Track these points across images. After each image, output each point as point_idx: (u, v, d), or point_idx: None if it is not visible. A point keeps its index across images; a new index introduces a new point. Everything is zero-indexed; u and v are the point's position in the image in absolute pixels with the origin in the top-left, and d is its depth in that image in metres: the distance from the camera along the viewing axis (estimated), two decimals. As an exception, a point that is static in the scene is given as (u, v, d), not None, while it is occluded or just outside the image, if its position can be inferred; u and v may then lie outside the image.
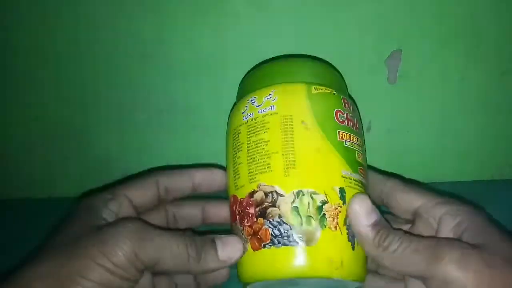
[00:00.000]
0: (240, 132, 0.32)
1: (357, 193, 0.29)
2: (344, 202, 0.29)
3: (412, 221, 0.31)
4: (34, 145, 0.46)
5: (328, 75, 0.35)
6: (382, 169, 0.38)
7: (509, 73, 0.43)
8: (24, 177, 0.48)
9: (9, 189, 0.49)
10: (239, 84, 0.37)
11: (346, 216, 0.29)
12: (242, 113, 0.32)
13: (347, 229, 0.29)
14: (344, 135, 0.31)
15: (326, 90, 0.32)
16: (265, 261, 0.28)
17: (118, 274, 0.25)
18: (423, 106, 0.45)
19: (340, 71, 0.37)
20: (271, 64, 0.35)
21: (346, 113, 0.32)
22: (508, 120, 0.46)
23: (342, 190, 0.29)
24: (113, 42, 0.41)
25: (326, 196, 0.28)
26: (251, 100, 0.32)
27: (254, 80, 0.35)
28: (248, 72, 0.37)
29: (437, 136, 0.47)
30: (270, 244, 0.28)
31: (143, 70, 0.43)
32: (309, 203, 0.28)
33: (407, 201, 0.31)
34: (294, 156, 0.29)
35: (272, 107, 0.31)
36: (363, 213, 0.28)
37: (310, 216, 0.28)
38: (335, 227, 0.28)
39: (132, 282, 0.26)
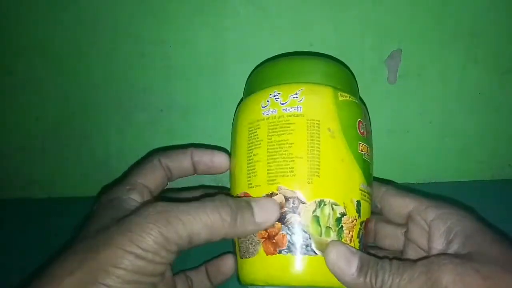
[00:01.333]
0: (259, 128, 0.30)
1: (331, 241, 0.28)
2: (359, 216, 0.29)
3: (405, 225, 0.32)
4: (34, 145, 0.46)
5: (350, 82, 0.34)
6: (382, 169, 0.38)
7: (509, 73, 0.43)
8: (24, 177, 0.48)
9: (9, 189, 0.48)
10: (253, 74, 0.35)
11: (360, 230, 0.29)
12: (263, 107, 0.30)
13: (359, 242, 0.29)
14: (363, 148, 0.30)
15: (350, 98, 0.31)
16: (280, 267, 0.28)
17: (149, 259, 0.25)
18: (423, 106, 0.45)
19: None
20: (296, 59, 0.34)
21: (365, 125, 0.31)
22: (508, 120, 0.46)
23: (358, 203, 0.29)
24: (113, 42, 0.41)
25: (345, 208, 0.28)
26: (274, 96, 0.30)
27: (276, 73, 0.32)
28: (264, 63, 0.36)
29: (437, 136, 0.46)
30: (286, 250, 0.28)
31: (143, 70, 0.42)
32: (329, 214, 0.28)
33: (400, 205, 0.31)
34: (319, 163, 0.28)
35: (299, 108, 0.29)
36: (342, 263, 0.27)
37: (329, 227, 0.28)
38: (350, 240, 0.28)
39: (164, 266, 0.26)
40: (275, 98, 0.30)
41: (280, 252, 0.28)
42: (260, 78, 0.33)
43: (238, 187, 0.31)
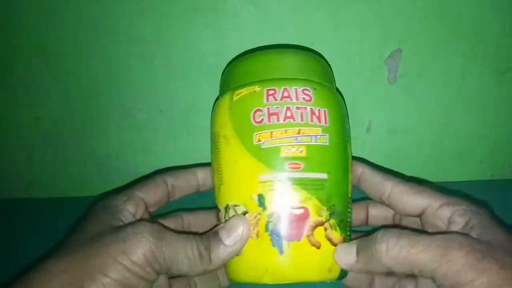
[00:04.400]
0: None
1: (339, 245, 0.29)
2: (264, 209, 0.28)
3: (420, 219, 0.31)
4: (34, 145, 0.46)
5: (254, 67, 0.32)
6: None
7: (509, 73, 0.43)
8: (24, 177, 0.48)
9: (9, 189, 0.48)
10: None
11: (268, 222, 0.28)
12: None
13: (269, 235, 0.28)
14: (262, 136, 0.29)
15: (246, 91, 0.30)
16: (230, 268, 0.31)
17: (135, 272, 0.25)
18: (423, 106, 0.45)
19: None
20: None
21: (268, 109, 0.29)
22: (508, 120, 0.46)
23: (260, 197, 0.28)
24: (113, 42, 0.41)
25: (245, 207, 0.29)
26: None
27: None
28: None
29: (437, 136, 0.46)
30: None
31: (143, 70, 0.43)
32: (232, 216, 0.29)
33: (412, 204, 0.30)
34: (221, 172, 0.30)
35: (213, 127, 0.32)
36: (345, 256, 0.28)
37: None
38: (256, 235, 0.28)
39: (148, 282, 0.27)
40: None
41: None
42: None
43: None
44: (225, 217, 0.30)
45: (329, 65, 0.35)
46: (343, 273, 0.30)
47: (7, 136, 0.47)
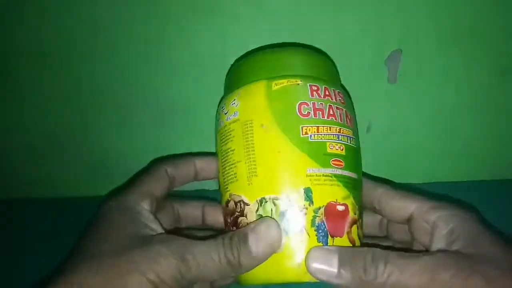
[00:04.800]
0: (216, 141, 0.33)
1: (310, 250, 0.27)
2: (311, 203, 0.28)
3: (408, 225, 0.31)
4: (34, 145, 0.46)
5: (293, 61, 0.33)
6: (382, 169, 0.38)
7: (509, 73, 0.43)
8: (24, 177, 0.48)
9: (9, 189, 0.48)
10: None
11: (314, 217, 0.28)
12: (217, 121, 0.33)
13: (315, 230, 0.28)
14: (309, 129, 0.29)
15: (288, 83, 0.30)
16: None
17: None
18: (423, 106, 0.45)
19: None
20: (234, 66, 0.35)
21: (313, 103, 0.30)
22: (508, 120, 0.46)
23: (307, 190, 0.28)
24: (113, 42, 0.41)
25: (289, 200, 0.28)
26: (222, 108, 0.32)
27: (225, 87, 0.35)
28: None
29: (437, 136, 0.46)
30: None
31: (143, 70, 0.43)
32: (272, 210, 0.28)
33: (400, 208, 0.31)
34: (256, 163, 0.29)
35: (236, 114, 0.30)
36: (322, 266, 0.26)
37: None
38: (301, 230, 0.28)
39: None
40: (222, 110, 0.32)
41: None
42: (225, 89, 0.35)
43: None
44: (257, 211, 0.28)
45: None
46: None
47: (7, 136, 0.47)
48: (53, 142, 0.46)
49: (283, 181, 0.28)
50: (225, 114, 0.31)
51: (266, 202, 0.28)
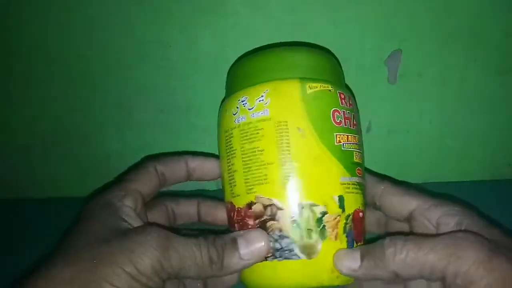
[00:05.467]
0: (232, 136, 0.30)
1: (334, 254, 0.28)
2: (343, 210, 0.28)
3: (408, 224, 0.31)
4: (34, 145, 0.46)
5: (323, 65, 0.32)
6: (382, 169, 0.38)
7: (509, 73, 0.43)
8: (24, 177, 0.48)
9: (9, 189, 0.48)
10: (227, 75, 0.34)
11: (345, 224, 0.28)
12: (233, 114, 0.30)
13: (346, 236, 0.28)
14: (342, 138, 0.29)
15: (321, 88, 0.29)
16: (267, 274, 0.28)
17: (142, 282, 0.25)
18: (423, 106, 0.45)
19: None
20: (260, 55, 0.32)
21: (343, 112, 0.30)
22: (508, 120, 0.46)
23: (341, 199, 0.28)
24: (113, 42, 0.41)
25: (325, 207, 0.28)
26: (242, 101, 0.30)
27: (242, 75, 0.32)
28: (236, 61, 0.35)
29: (437, 136, 0.46)
30: (271, 257, 0.28)
31: (143, 70, 0.42)
32: (309, 216, 0.27)
33: (401, 204, 0.31)
34: (292, 167, 0.28)
35: (265, 112, 0.29)
36: (347, 261, 0.27)
37: (310, 229, 0.27)
38: (335, 237, 0.28)
39: None
40: (243, 104, 0.30)
41: (266, 259, 0.28)
42: (229, 82, 0.33)
43: (225, 196, 0.31)
44: (292, 217, 0.28)
45: None
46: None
47: (7, 136, 0.47)
48: (53, 142, 0.46)
49: (321, 188, 0.28)
50: (250, 109, 0.29)
51: (303, 208, 0.28)
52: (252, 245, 0.27)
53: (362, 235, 0.30)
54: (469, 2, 0.40)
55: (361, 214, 0.30)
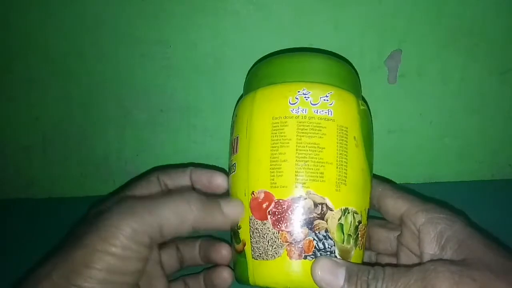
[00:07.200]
0: (286, 125, 0.29)
1: (316, 258, 0.27)
2: (367, 223, 0.30)
3: (399, 228, 0.31)
4: (34, 145, 0.46)
5: (361, 90, 0.34)
6: (382, 169, 0.38)
7: (509, 73, 0.43)
8: (24, 177, 0.48)
9: (9, 189, 0.48)
10: (268, 63, 0.33)
11: (366, 235, 0.30)
12: (291, 104, 0.29)
13: (365, 248, 0.31)
14: (372, 155, 0.31)
15: (363, 107, 0.31)
16: (304, 272, 0.27)
17: (125, 256, 0.25)
18: (423, 106, 0.45)
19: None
20: (320, 57, 0.33)
21: (372, 130, 0.32)
22: (508, 120, 0.46)
23: (368, 211, 0.30)
24: (113, 42, 0.41)
25: (361, 217, 0.29)
26: (304, 94, 0.29)
27: (302, 67, 0.31)
28: (274, 54, 0.34)
29: (437, 136, 0.46)
30: (312, 256, 0.27)
31: (143, 70, 0.43)
32: (351, 222, 0.29)
33: (394, 207, 0.31)
34: (347, 172, 0.29)
35: (329, 112, 0.29)
36: (329, 276, 0.26)
37: (350, 234, 0.28)
38: (361, 247, 0.29)
39: (138, 262, 0.26)
40: (305, 97, 0.29)
41: (305, 257, 0.27)
42: (282, 69, 0.32)
43: (255, 184, 0.29)
44: (339, 219, 0.28)
45: None
46: None
47: (7, 136, 0.47)
48: (53, 142, 0.46)
49: (363, 197, 0.30)
50: (313, 105, 0.29)
51: (348, 213, 0.28)
52: (233, 204, 0.29)
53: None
54: (469, 2, 0.40)
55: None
